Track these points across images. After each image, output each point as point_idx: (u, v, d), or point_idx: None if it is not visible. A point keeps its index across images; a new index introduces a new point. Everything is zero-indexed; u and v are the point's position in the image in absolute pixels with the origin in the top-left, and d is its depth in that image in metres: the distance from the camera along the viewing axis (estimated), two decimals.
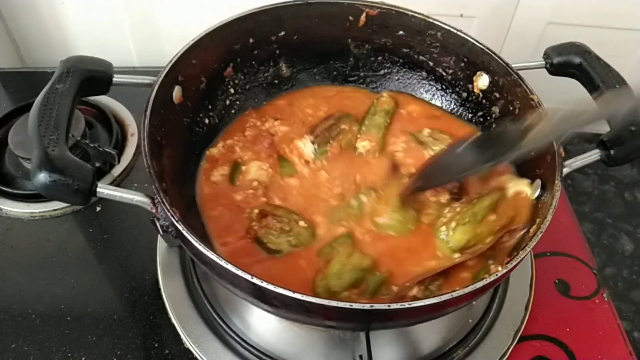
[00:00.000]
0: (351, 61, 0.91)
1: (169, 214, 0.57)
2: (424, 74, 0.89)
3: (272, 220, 0.70)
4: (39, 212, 0.88)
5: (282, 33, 0.85)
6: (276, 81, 0.89)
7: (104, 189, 0.59)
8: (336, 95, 0.90)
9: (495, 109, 0.81)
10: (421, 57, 0.87)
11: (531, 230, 0.62)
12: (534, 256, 0.85)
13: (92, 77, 0.67)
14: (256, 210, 0.72)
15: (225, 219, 0.72)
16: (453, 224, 0.70)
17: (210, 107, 0.82)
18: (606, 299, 0.83)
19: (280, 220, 0.70)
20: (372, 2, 0.84)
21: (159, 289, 0.79)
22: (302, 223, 0.71)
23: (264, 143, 0.80)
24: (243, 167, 0.77)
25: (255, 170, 0.77)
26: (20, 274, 0.81)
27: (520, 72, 0.76)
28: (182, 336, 0.74)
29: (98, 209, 0.89)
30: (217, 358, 0.72)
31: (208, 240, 0.69)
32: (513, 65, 0.76)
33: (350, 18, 0.85)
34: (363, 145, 0.82)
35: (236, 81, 0.85)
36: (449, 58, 0.85)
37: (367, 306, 0.51)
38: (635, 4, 1.04)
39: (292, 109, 0.87)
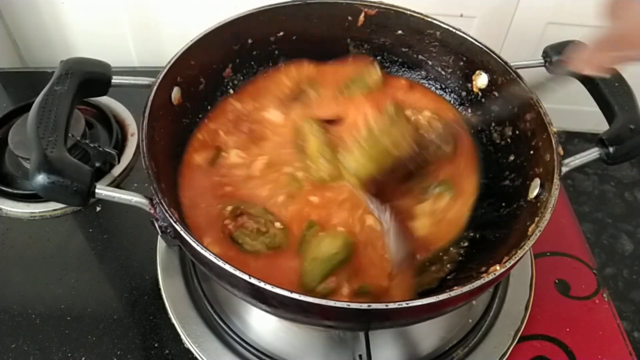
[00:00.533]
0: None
1: (167, 215, 0.57)
2: (423, 73, 0.89)
3: (249, 221, 0.70)
4: (39, 212, 0.88)
5: (281, 33, 0.85)
6: None
7: (103, 190, 0.59)
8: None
9: (495, 108, 0.81)
10: (420, 57, 0.87)
11: (530, 229, 0.62)
12: (534, 256, 0.85)
13: (91, 78, 0.67)
14: (229, 207, 0.71)
15: (200, 209, 0.71)
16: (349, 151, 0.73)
17: (209, 107, 0.82)
18: (606, 299, 0.82)
19: (257, 220, 0.70)
20: (370, 2, 0.84)
21: (159, 289, 0.79)
22: (278, 224, 0.70)
23: (243, 128, 0.80)
24: (224, 154, 0.77)
25: (234, 157, 0.77)
26: (20, 274, 0.81)
27: (520, 71, 0.76)
28: (182, 336, 0.74)
29: (98, 209, 0.90)
30: (217, 358, 0.72)
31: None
32: (512, 64, 0.76)
33: (349, 18, 0.85)
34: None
35: (235, 82, 0.85)
36: (448, 57, 0.85)
37: (364, 306, 0.51)
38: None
39: (268, 85, 0.87)
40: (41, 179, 0.55)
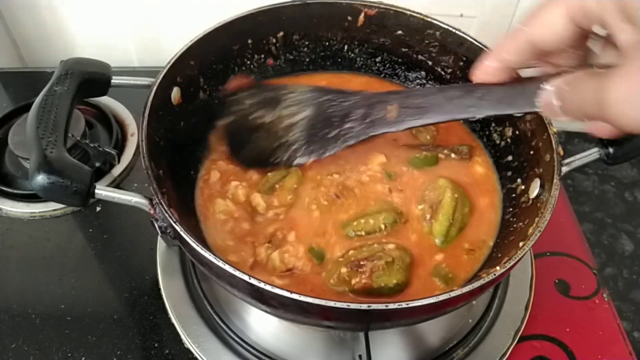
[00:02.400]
0: (350, 61, 0.91)
1: (167, 215, 0.57)
2: (423, 73, 0.89)
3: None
4: (39, 212, 0.88)
5: (281, 33, 0.85)
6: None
7: (102, 191, 0.59)
8: None
9: None
10: (420, 57, 0.87)
11: (530, 229, 0.62)
12: (534, 256, 0.85)
13: (91, 79, 0.67)
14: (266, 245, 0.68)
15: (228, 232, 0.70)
16: None
17: (209, 107, 0.82)
18: (606, 299, 0.82)
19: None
20: (370, 2, 0.83)
21: (159, 289, 0.79)
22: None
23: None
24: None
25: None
26: (20, 274, 0.81)
27: (520, 71, 0.75)
28: (182, 336, 0.74)
29: (98, 209, 0.90)
30: (217, 358, 0.72)
31: (204, 240, 0.68)
32: None
33: (349, 18, 0.85)
34: None
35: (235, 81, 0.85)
36: (448, 57, 0.84)
37: (364, 306, 0.51)
38: None
39: None
40: (41, 179, 0.55)
